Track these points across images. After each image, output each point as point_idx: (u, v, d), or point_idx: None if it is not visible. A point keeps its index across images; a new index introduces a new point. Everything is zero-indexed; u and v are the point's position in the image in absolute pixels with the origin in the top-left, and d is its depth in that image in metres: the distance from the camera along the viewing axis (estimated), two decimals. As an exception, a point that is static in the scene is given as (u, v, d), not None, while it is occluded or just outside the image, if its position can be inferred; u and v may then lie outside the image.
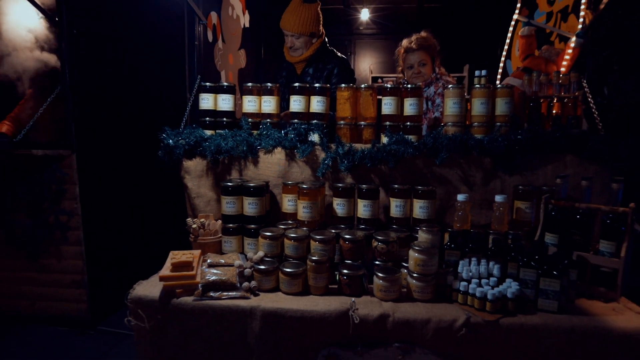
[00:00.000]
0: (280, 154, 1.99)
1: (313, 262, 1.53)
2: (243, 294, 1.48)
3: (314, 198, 1.78)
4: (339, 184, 1.85)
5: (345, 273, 1.52)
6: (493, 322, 1.35)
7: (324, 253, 1.57)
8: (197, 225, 1.84)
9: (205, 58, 2.74)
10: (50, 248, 2.81)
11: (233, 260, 1.59)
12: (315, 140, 1.98)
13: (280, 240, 1.67)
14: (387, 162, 1.88)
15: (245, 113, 2.12)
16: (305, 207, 1.77)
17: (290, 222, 1.85)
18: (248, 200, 1.81)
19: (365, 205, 1.80)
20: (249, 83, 2.12)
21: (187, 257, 1.54)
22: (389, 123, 1.99)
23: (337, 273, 1.58)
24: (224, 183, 1.85)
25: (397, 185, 1.82)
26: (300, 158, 1.95)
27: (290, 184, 1.87)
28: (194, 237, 1.85)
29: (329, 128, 2.06)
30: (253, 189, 1.81)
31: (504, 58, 2.91)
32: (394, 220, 1.81)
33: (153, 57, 3.51)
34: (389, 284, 1.48)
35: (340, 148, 1.91)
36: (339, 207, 1.84)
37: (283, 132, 2.08)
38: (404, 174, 1.90)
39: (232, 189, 1.83)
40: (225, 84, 2.14)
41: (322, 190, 1.87)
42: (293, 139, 1.97)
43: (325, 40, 2.59)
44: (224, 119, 2.14)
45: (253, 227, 1.81)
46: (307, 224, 1.78)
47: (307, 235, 1.64)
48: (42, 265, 2.85)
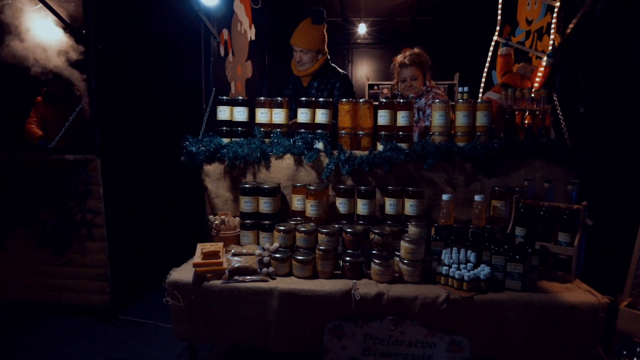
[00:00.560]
0: (290, 160, 2.29)
1: (321, 251, 1.83)
2: (263, 278, 1.78)
3: (320, 198, 2.08)
4: (341, 186, 2.15)
5: (348, 260, 1.83)
6: (468, 298, 1.66)
7: (330, 244, 1.87)
8: (218, 222, 2.13)
9: (218, 71, 3.03)
10: (76, 244, 3.08)
11: (253, 250, 1.89)
12: (320, 148, 2.28)
13: (292, 234, 1.97)
14: (382, 166, 2.18)
15: (258, 123, 2.41)
16: (313, 205, 2.07)
17: (299, 218, 2.15)
18: (263, 200, 2.11)
19: (364, 204, 2.10)
20: (262, 97, 2.42)
21: (215, 247, 1.84)
22: (384, 132, 2.29)
23: (340, 260, 1.88)
24: (242, 185, 2.15)
25: (391, 187, 2.12)
26: (307, 163, 2.25)
27: (299, 186, 2.17)
28: (216, 231, 2.14)
29: (332, 137, 2.37)
30: (267, 190, 2.11)
31: (487, 69, 3.22)
32: (388, 217, 2.11)
33: (171, 70, 3.82)
34: (384, 269, 1.78)
35: (342, 154, 2.20)
36: (341, 205, 2.14)
37: (292, 140, 2.38)
38: (397, 177, 2.20)
39: (249, 190, 2.12)
40: (240, 98, 2.44)
41: (326, 191, 2.17)
42: (301, 147, 2.27)
43: (328, 58, 2.90)
44: (239, 129, 2.43)
45: (267, 222, 2.11)
46: (314, 220, 2.08)
47: (315, 229, 1.94)
48: (68, 260, 3.11)
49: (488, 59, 2.98)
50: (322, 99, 2.35)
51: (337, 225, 2.00)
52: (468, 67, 4.92)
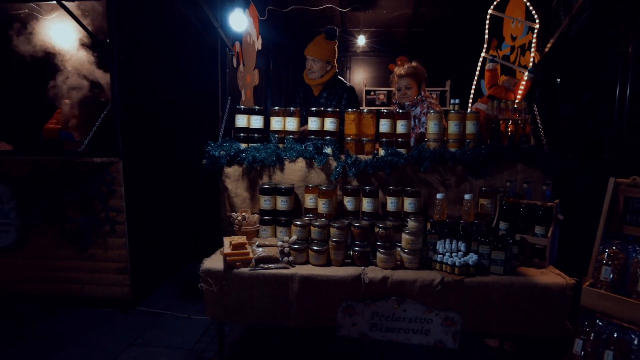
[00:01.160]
0: (302, 163, 2.58)
1: (334, 242, 2.13)
2: (284, 265, 2.07)
3: (330, 196, 2.38)
4: (348, 186, 2.45)
5: (357, 250, 2.13)
6: (459, 281, 1.98)
7: (341, 236, 2.17)
8: (240, 218, 2.41)
9: (231, 80, 3.31)
10: (99, 240, 3.32)
11: (275, 242, 2.17)
12: (329, 152, 2.57)
13: (308, 228, 2.26)
14: (384, 169, 2.48)
15: (273, 130, 2.70)
16: (324, 203, 2.36)
17: (311, 215, 2.44)
18: (280, 199, 2.40)
19: (368, 202, 2.40)
20: (276, 107, 2.71)
21: (241, 240, 2.12)
22: (385, 139, 2.59)
23: (350, 250, 2.18)
24: (262, 185, 2.43)
25: (392, 187, 2.42)
26: (318, 166, 2.54)
27: (311, 186, 2.46)
28: (238, 227, 2.42)
29: (339, 143, 2.66)
30: (284, 190, 2.40)
31: (476, 80, 3.56)
32: (390, 213, 2.41)
33: (187, 79, 4.12)
34: (388, 257, 2.09)
35: (349, 158, 2.50)
36: (349, 203, 2.44)
37: (303, 145, 2.66)
38: (397, 179, 2.50)
39: (268, 190, 2.41)
40: (257, 108, 2.72)
41: (335, 191, 2.46)
42: (312, 151, 2.56)
43: (337, 72, 3.25)
44: (255, 135, 2.71)
45: (284, 219, 2.39)
46: (325, 216, 2.37)
47: (327, 224, 2.23)
48: (91, 255, 3.35)
49: (477, 72, 3.31)
50: (330, 109, 2.64)
51: (346, 221, 2.29)
52: (459, 74, 5.29)
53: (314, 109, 2.64)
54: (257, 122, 2.71)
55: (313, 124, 2.64)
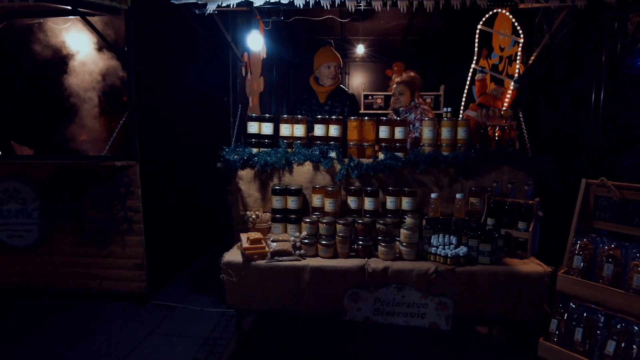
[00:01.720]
0: (309, 166, 2.83)
1: (340, 237, 2.39)
2: (297, 258, 2.33)
3: (336, 196, 2.64)
4: (351, 187, 2.71)
5: (360, 244, 2.39)
6: (451, 269, 2.25)
7: (347, 232, 2.43)
8: (254, 216, 2.66)
9: (241, 89, 3.56)
10: (116, 238, 3.54)
11: (288, 237, 2.43)
12: (334, 156, 2.82)
13: (316, 224, 2.52)
14: (383, 171, 2.74)
15: (282, 136, 2.95)
16: (331, 202, 2.62)
17: (319, 213, 2.70)
18: (291, 199, 2.65)
19: (370, 201, 2.66)
20: (285, 115, 2.97)
21: (257, 235, 2.37)
22: (385, 144, 2.85)
23: (354, 244, 2.44)
24: (274, 186, 2.69)
25: (391, 188, 2.68)
26: (324, 169, 2.80)
27: (318, 187, 2.71)
28: (252, 224, 2.67)
29: (342, 147, 2.92)
30: (294, 191, 2.66)
31: (467, 87, 3.84)
32: (389, 211, 2.68)
33: (198, 87, 4.37)
34: (388, 250, 2.35)
35: (352, 162, 2.76)
36: (352, 202, 2.70)
37: (310, 150, 2.91)
38: (396, 180, 2.77)
39: (279, 191, 2.66)
40: (267, 115, 2.97)
41: (340, 191, 2.72)
42: (318, 155, 2.82)
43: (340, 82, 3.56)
44: (266, 140, 2.97)
45: (294, 216, 2.65)
46: (331, 214, 2.63)
47: (334, 221, 2.49)
48: (109, 252, 3.57)
49: (468, 80, 3.60)
50: (334, 117, 2.90)
51: (350, 218, 2.55)
52: (452, 79, 5.58)
53: (320, 117, 2.89)
54: (267, 128, 2.96)
55: (319, 131, 2.90)
